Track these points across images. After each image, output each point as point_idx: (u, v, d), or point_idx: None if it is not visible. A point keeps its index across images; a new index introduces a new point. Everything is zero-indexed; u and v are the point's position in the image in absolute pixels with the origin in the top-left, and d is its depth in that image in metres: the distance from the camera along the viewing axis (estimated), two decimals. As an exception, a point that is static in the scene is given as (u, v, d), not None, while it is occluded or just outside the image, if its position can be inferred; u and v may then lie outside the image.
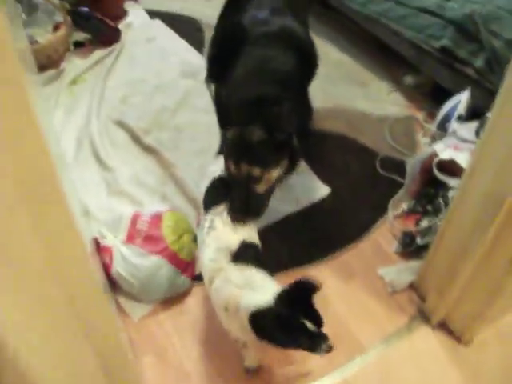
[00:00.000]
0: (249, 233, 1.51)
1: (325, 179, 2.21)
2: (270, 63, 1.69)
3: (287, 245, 1.99)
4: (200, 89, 2.57)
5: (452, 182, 1.93)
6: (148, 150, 2.30)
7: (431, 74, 2.52)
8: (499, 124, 1.32)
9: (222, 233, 1.49)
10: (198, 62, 2.77)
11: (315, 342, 1.29)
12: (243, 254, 1.44)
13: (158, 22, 3.11)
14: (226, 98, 1.72)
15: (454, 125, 2.20)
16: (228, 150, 1.59)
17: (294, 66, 1.72)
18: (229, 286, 1.38)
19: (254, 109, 1.56)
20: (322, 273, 1.94)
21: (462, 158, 1.92)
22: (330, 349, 1.30)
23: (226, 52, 1.82)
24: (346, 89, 2.72)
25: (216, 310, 1.47)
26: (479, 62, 2.24)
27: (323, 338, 1.30)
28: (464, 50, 2.29)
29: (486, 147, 1.39)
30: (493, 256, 1.48)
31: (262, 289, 1.36)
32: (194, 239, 1.90)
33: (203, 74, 2.20)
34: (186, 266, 1.87)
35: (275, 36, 1.76)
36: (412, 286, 1.92)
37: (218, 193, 1.61)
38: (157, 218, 1.85)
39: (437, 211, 1.94)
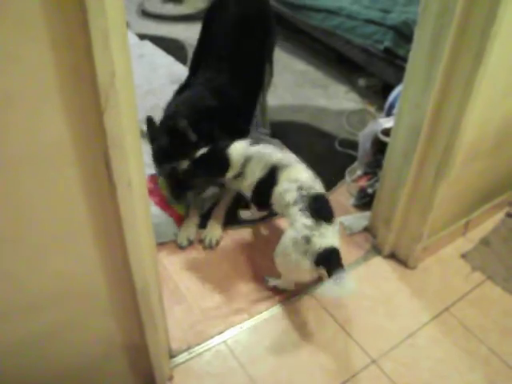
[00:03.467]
0: None
1: (292, 153, 2.63)
2: None
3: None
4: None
5: (394, 143, 2.35)
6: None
7: (379, 72, 3.02)
8: (409, 87, 1.81)
9: None
10: (183, 72, 3.23)
11: None
12: None
13: (147, 42, 3.62)
14: None
15: (396, 109, 2.66)
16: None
17: None
18: None
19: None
20: (292, 222, 2.33)
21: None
22: None
23: None
24: (309, 91, 3.22)
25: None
26: (415, 58, 2.74)
27: None
28: (403, 49, 2.79)
29: (404, 98, 1.86)
30: (420, 177, 1.91)
31: None
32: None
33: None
34: (179, 218, 2.24)
35: None
36: (366, 230, 2.32)
37: None
38: (154, 177, 2.25)
39: (383, 170, 2.36)
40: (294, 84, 3.25)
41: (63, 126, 0.91)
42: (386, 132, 2.43)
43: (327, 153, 2.71)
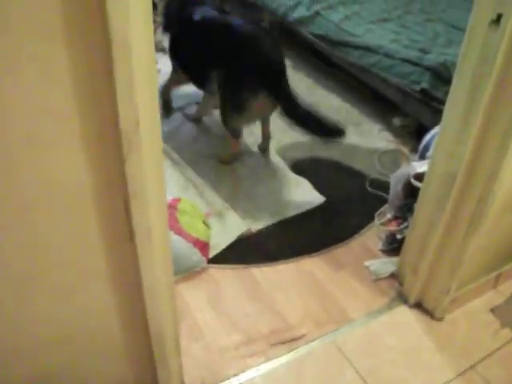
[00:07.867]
0: None
1: (321, 191, 2.61)
2: None
3: (289, 239, 2.37)
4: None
5: (426, 188, 2.29)
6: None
7: (414, 113, 2.97)
8: (445, 135, 1.76)
9: None
10: (195, 90, 3.15)
11: None
12: None
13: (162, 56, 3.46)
14: None
15: (431, 151, 2.60)
16: None
17: None
18: None
19: None
20: (316, 263, 2.29)
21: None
22: None
23: None
24: (342, 128, 3.17)
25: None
26: (452, 101, 2.69)
27: None
28: (440, 91, 2.74)
29: (439, 145, 1.81)
30: (452, 227, 1.84)
31: None
32: (205, 224, 2.26)
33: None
34: (202, 246, 2.20)
35: None
36: (393, 276, 2.25)
37: None
38: (174, 201, 2.23)
39: (414, 215, 2.30)
40: (328, 119, 3.21)
41: (84, 171, 0.90)
42: (419, 176, 2.37)
43: (357, 193, 2.66)
